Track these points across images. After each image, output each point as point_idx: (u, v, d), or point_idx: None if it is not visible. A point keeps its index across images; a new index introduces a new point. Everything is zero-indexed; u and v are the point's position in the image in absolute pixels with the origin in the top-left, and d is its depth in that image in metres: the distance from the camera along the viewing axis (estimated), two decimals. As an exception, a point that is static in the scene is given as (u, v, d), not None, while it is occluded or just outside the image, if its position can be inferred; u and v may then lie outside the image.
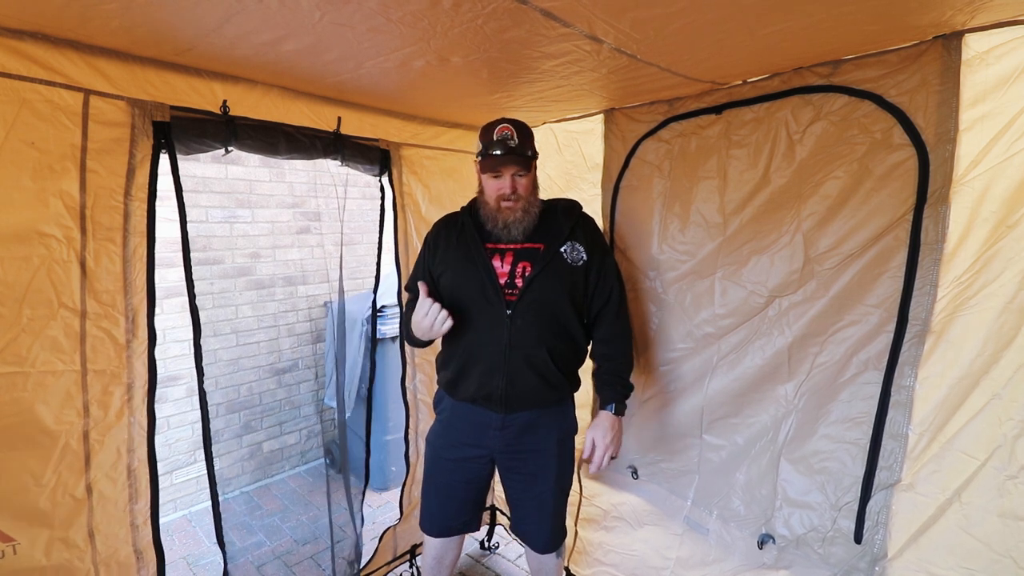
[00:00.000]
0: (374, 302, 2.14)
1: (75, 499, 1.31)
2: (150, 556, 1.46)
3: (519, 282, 1.48)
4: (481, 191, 1.56)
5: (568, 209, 1.61)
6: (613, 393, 1.56)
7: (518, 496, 1.64)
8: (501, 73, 1.45)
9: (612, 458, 1.53)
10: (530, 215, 1.52)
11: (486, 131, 1.50)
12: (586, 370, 1.71)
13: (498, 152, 1.46)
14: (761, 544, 1.54)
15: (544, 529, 1.64)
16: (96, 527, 1.35)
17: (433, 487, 1.67)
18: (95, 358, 1.32)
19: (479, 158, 1.52)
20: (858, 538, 1.35)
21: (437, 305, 1.40)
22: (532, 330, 1.47)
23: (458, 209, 1.68)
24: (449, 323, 1.40)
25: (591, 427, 1.54)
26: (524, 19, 1.08)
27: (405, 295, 1.81)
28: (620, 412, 1.56)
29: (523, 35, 1.17)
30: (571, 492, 2.05)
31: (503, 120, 1.50)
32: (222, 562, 1.64)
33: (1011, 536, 1.12)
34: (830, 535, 1.41)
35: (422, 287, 1.46)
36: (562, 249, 1.52)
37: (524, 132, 1.50)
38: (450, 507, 1.66)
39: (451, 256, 1.56)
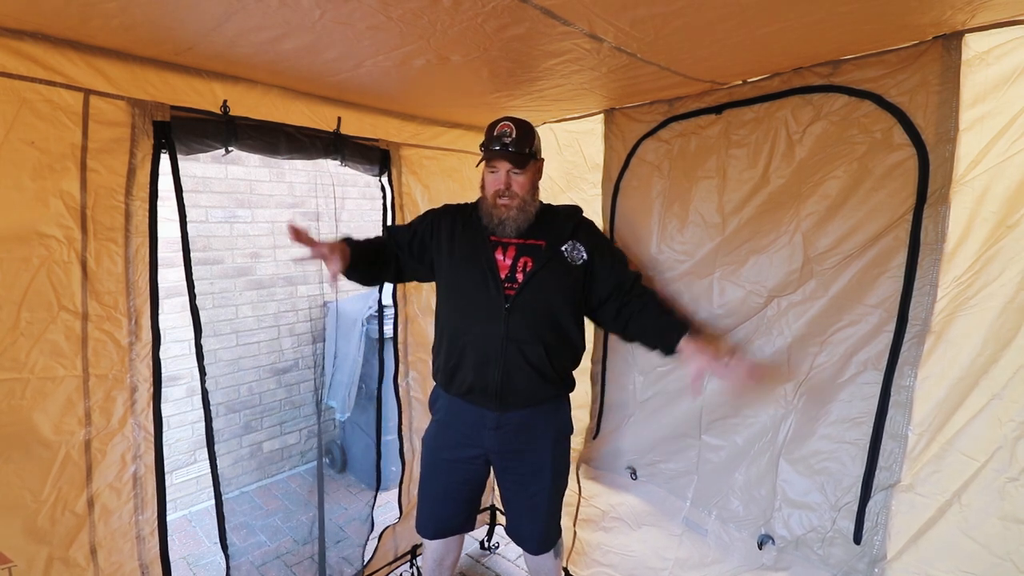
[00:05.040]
0: (380, 301, 2.12)
1: (76, 515, 1.26)
2: (156, 571, 1.41)
3: (519, 276, 1.50)
4: (482, 186, 1.59)
5: (570, 212, 1.66)
6: (678, 325, 1.46)
7: (513, 497, 1.64)
8: (501, 72, 1.45)
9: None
10: (525, 214, 1.53)
11: (489, 128, 1.53)
12: (583, 371, 1.70)
13: (495, 148, 1.48)
14: (760, 545, 1.53)
15: (537, 530, 1.64)
16: (98, 543, 1.30)
17: (431, 488, 1.67)
18: (97, 362, 1.29)
19: (481, 154, 1.54)
20: (857, 539, 1.35)
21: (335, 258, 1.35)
22: (529, 324, 1.49)
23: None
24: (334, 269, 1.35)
25: (694, 359, 1.40)
26: (524, 17, 1.08)
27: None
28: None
29: (523, 33, 1.17)
30: (570, 492, 2.06)
31: (506, 118, 1.51)
32: (224, 564, 1.64)
33: (1011, 539, 1.11)
34: (829, 536, 1.40)
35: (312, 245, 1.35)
36: (563, 248, 1.55)
37: (524, 130, 1.50)
38: (447, 508, 1.66)
39: (455, 244, 1.57)
